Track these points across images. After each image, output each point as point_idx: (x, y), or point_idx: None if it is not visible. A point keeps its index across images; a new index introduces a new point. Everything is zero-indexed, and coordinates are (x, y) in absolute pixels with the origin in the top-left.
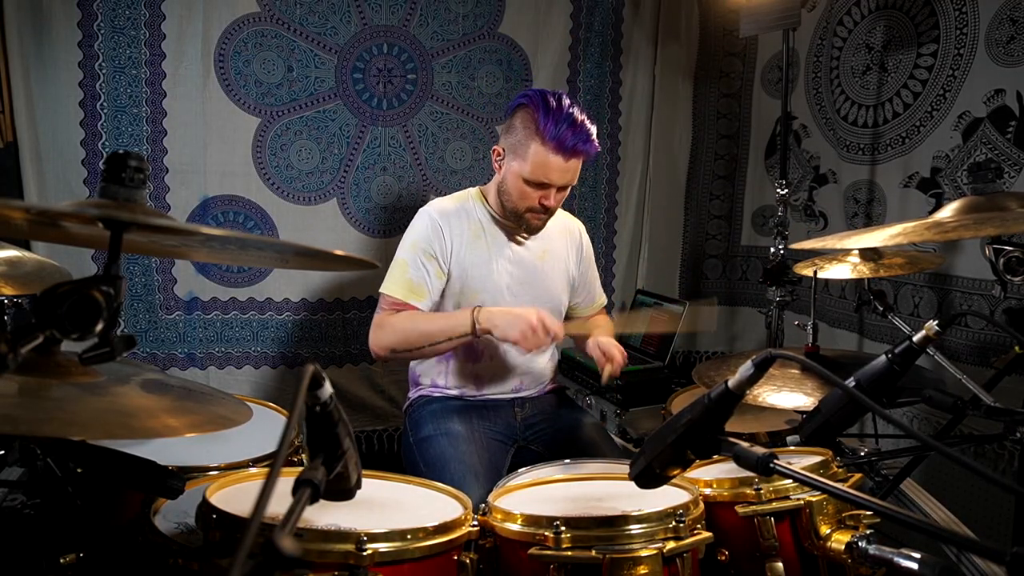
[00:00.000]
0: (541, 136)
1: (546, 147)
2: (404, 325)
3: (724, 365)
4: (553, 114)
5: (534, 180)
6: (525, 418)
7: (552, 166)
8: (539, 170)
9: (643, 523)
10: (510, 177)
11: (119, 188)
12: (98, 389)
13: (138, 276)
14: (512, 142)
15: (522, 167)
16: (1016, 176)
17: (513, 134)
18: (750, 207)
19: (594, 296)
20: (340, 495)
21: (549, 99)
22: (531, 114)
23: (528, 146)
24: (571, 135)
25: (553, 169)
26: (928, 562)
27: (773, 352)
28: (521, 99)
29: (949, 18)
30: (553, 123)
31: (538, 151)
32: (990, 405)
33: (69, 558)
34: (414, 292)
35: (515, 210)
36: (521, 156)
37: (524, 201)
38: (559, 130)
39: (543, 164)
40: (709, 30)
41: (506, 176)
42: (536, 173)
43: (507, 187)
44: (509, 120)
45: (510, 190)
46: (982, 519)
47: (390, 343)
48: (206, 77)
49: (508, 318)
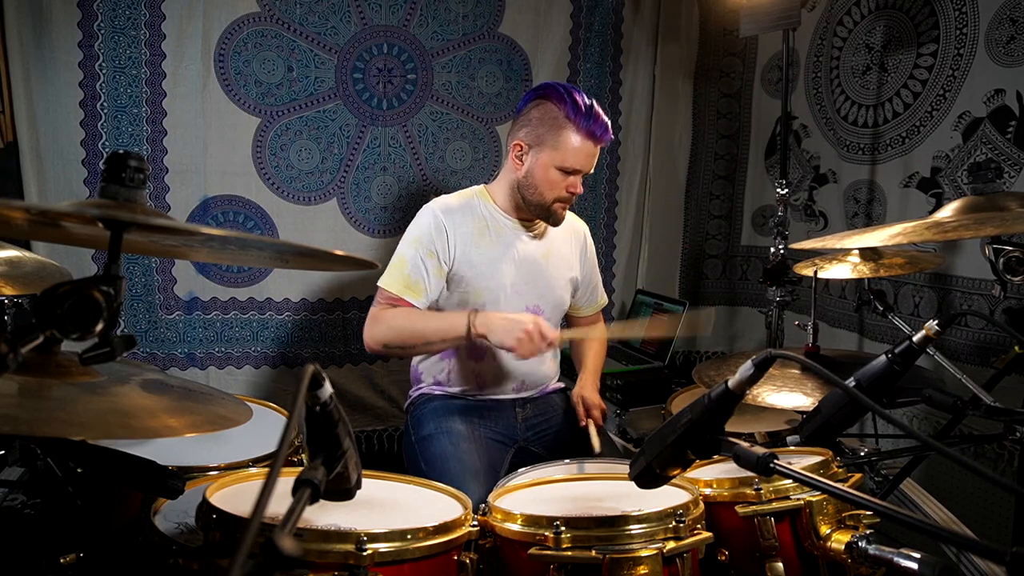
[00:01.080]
0: (574, 124)
1: (579, 134)
2: (400, 322)
3: (724, 365)
4: (581, 106)
5: (568, 167)
6: (526, 418)
7: (584, 152)
8: (572, 156)
9: (643, 523)
10: (539, 169)
11: (119, 188)
12: (98, 389)
13: (138, 276)
14: (538, 134)
15: (553, 156)
16: (1016, 176)
17: (536, 127)
18: (750, 207)
19: (596, 296)
20: (340, 495)
21: (572, 92)
22: (556, 106)
23: (559, 135)
24: (597, 125)
25: (584, 155)
26: (928, 562)
27: (773, 352)
28: (539, 93)
29: (949, 18)
30: (583, 113)
31: (571, 139)
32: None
33: (69, 558)
34: (411, 288)
35: (542, 202)
36: (551, 145)
37: (553, 191)
38: (588, 121)
39: (576, 151)
40: (709, 30)
41: (533, 168)
42: (569, 159)
43: (535, 179)
44: (524, 115)
45: (538, 182)
46: (982, 519)
47: (384, 338)
48: (206, 77)
49: (504, 324)
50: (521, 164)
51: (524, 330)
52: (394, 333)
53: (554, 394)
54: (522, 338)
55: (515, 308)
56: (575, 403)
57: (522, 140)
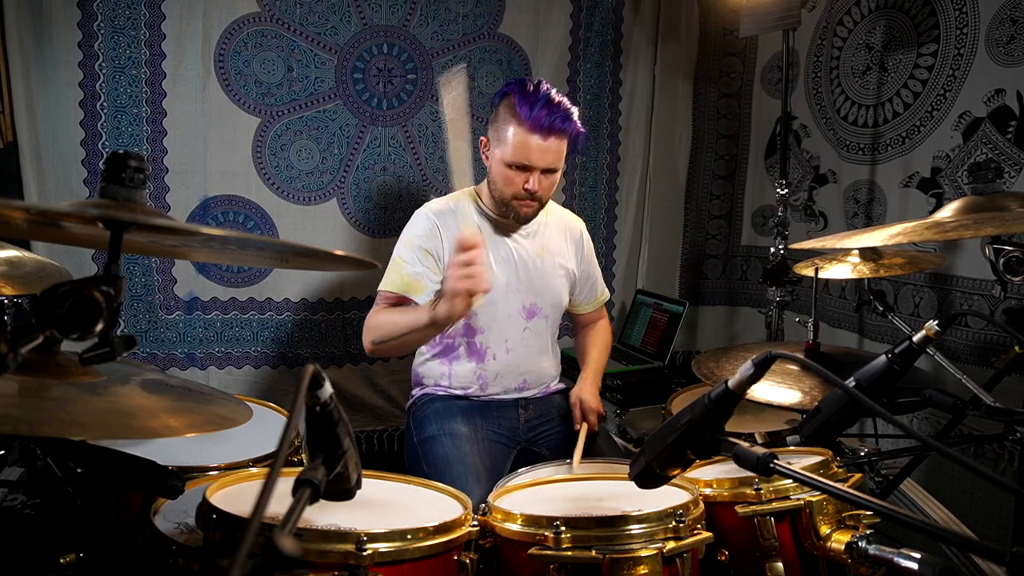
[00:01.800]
0: (518, 117)
1: (523, 127)
2: (381, 319)
3: (724, 357)
4: (529, 96)
5: (515, 162)
6: (528, 419)
7: (531, 146)
8: (519, 151)
9: (643, 523)
10: (494, 164)
11: (119, 188)
12: (98, 389)
13: (138, 276)
14: (496, 129)
15: (504, 151)
16: (1016, 176)
17: (494, 122)
18: (750, 207)
19: (596, 292)
20: (340, 495)
21: (527, 84)
22: (511, 99)
23: (507, 130)
24: (546, 114)
25: (533, 150)
26: (928, 562)
27: (773, 352)
28: (503, 89)
29: (949, 18)
30: (528, 104)
31: (516, 132)
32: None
33: (69, 558)
34: (411, 287)
35: (502, 198)
36: (502, 141)
37: (509, 187)
38: (535, 110)
39: (522, 145)
40: (709, 30)
41: (491, 164)
42: (516, 155)
43: (493, 175)
44: (493, 110)
45: (495, 177)
46: (982, 519)
47: (372, 337)
48: (206, 77)
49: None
50: (487, 160)
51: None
52: (379, 332)
53: (556, 395)
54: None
55: (511, 308)
56: (573, 404)
57: (486, 136)
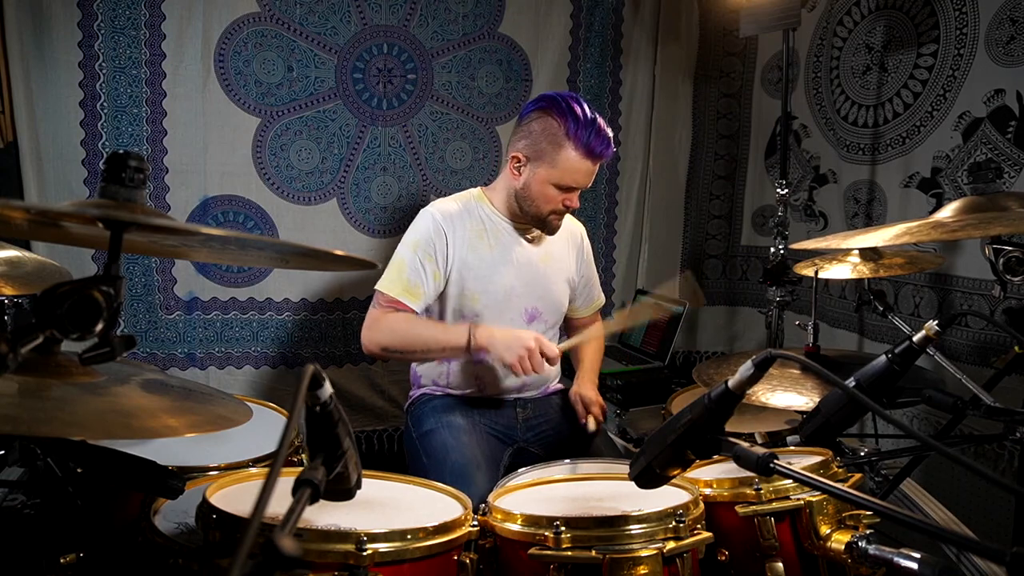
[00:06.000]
0: (573, 142)
1: (578, 152)
2: (401, 327)
3: (724, 364)
4: (582, 122)
5: (564, 185)
6: (527, 419)
7: (582, 171)
8: (570, 175)
9: (643, 523)
10: (535, 183)
11: (119, 188)
12: (98, 389)
13: (138, 276)
14: (537, 148)
15: (550, 173)
16: (1016, 176)
17: (536, 140)
18: (750, 207)
19: (592, 297)
20: (340, 495)
21: (574, 106)
22: (557, 120)
23: (558, 152)
24: (598, 142)
25: (583, 173)
26: (928, 562)
27: (773, 352)
28: (540, 104)
29: (949, 18)
30: (584, 130)
31: (570, 157)
32: (990, 405)
33: (69, 558)
34: (409, 292)
35: (538, 214)
36: (549, 162)
37: (548, 205)
38: (588, 137)
39: (574, 169)
40: (709, 30)
41: (529, 182)
42: (566, 178)
43: (531, 192)
44: (525, 125)
45: (534, 196)
46: (982, 519)
47: (384, 342)
48: (206, 77)
49: (506, 340)
50: (519, 176)
51: (525, 347)
52: (396, 338)
53: (554, 395)
54: (523, 355)
55: (514, 311)
56: (573, 402)
57: (520, 152)
